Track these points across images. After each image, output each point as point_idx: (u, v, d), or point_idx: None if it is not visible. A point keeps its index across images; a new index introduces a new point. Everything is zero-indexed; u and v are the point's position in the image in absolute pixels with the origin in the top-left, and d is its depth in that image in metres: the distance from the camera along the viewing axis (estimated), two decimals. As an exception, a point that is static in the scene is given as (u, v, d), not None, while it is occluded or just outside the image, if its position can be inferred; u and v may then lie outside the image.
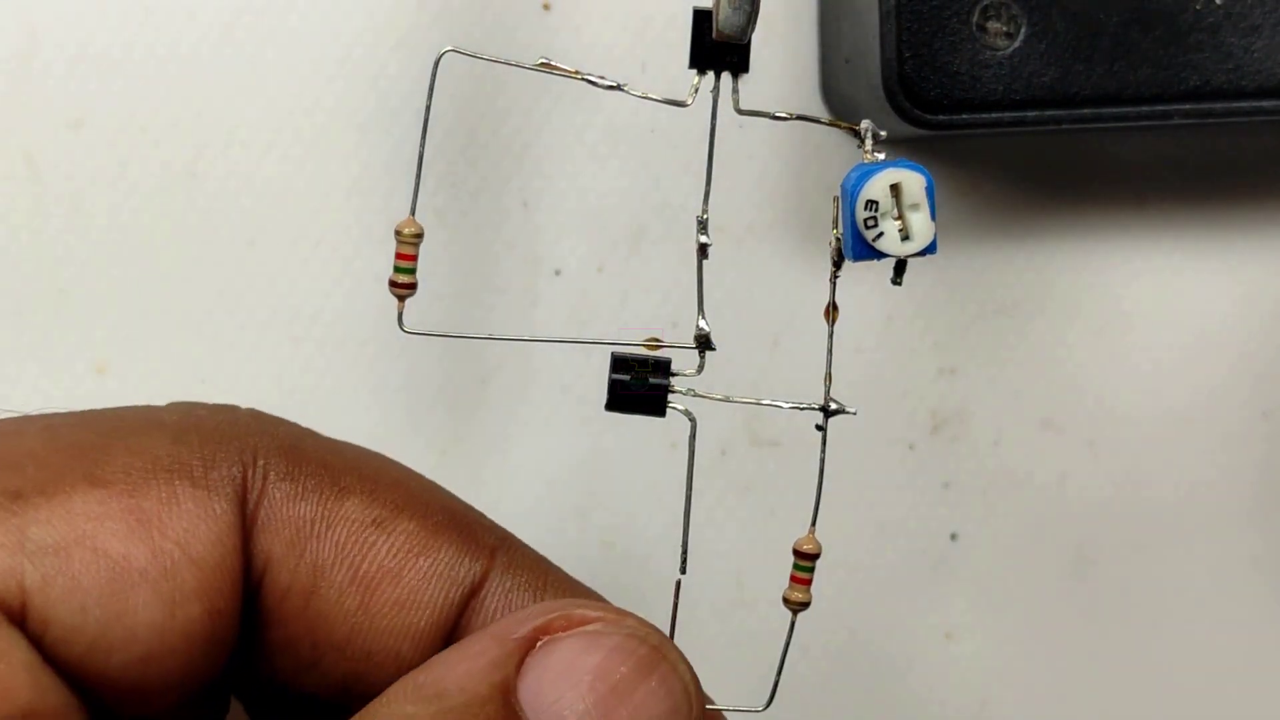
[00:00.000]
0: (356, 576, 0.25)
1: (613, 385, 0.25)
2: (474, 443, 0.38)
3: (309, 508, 0.25)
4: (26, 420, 0.25)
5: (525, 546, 0.27)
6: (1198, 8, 0.34)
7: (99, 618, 0.23)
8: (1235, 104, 0.35)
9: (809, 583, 0.25)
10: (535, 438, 0.38)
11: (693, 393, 0.25)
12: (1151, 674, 0.41)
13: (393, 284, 0.25)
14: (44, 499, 0.23)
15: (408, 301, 0.25)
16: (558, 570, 0.27)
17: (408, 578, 0.25)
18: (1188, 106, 0.35)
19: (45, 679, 0.23)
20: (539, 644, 0.23)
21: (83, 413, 0.25)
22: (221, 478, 0.25)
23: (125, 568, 0.23)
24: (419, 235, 0.25)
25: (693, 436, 0.25)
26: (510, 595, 0.26)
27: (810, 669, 0.40)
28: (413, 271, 0.25)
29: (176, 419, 0.25)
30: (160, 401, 0.37)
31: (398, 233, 0.25)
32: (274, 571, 0.25)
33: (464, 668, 0.23)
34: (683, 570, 0.26)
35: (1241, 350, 0.40)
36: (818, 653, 0.40)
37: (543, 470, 0.38)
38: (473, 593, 0.26)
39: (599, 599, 0.27)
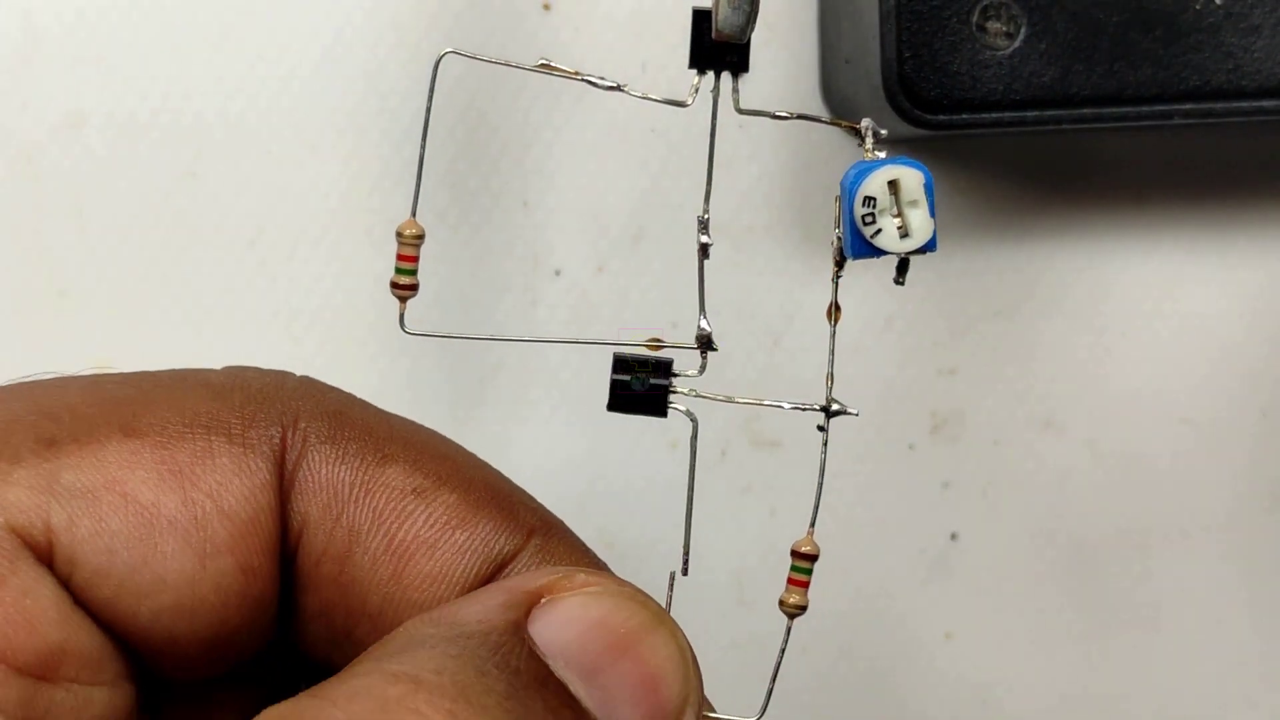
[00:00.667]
0: (391, 545, 0.25)
1: (614, 386, 0.25)
2: (474, 443, 0.38)
3: (349, 472, 0.25)
4: (72, 378, 0.25)
5: (567, 532, 0.27)
6: (1198, 8, 0.34)
7: (126, 561, 0.23)
8: (1235, 104, 0.35)
9: (807, 585, 0.25)
10: (535, 438, 0.38)
11: (694, 393, 0.25)
12: (1151, 674, 0.41)
13: (394, 285, 0.25)
14: (77, 446, 0.23)
15: (409, 302, 0.25)
16: (594, 558, 0.27)
17: (442, 550, 0.25)
18: (1188, 106, 0.35)
19: (76, 619, 0.23)
20: (543, 600, 0.23)
21: (130, 372, 0.25)
22: (259, 436, 0.24)
23: (154, 514, 0.23)
24: (420, 236, 0.25)
25: (694, 437, 0.25)
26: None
27: (810, 669, 0.40)
28: (414, 273, 0.25)
29: (223, 379, 0.25)
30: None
31: (399, 234, 0.25)
32: (310, 534, 0.25)
33: (479, 605, 0.23)
34: (684, 572, 0.26)
35: (1241, 350, 0.40)
36: (817, 653, 0.40)
37: (543, 470, 0.38)
38: (501, 568, 0.25)
39: (639, 592, 0.27)
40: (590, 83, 0.24)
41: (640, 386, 0.25)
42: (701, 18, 0.23)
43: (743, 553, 0.39)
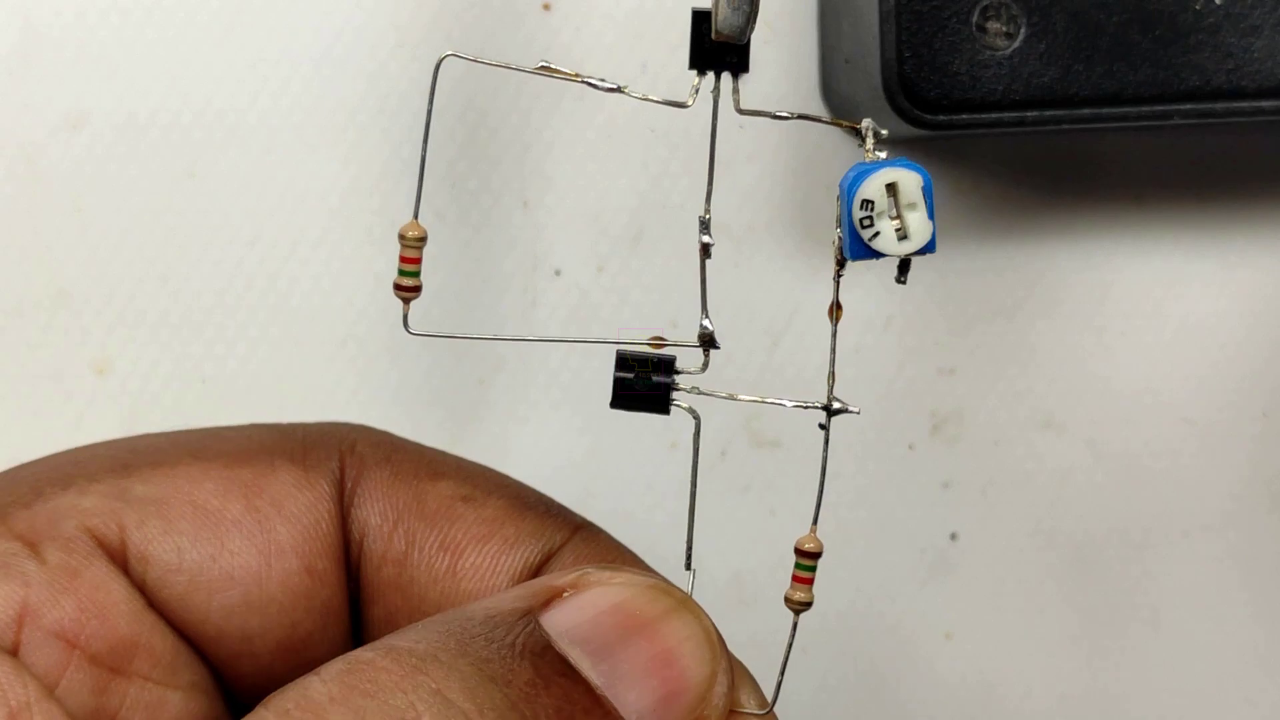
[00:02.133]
0: (444, 543, 0.26)
1: (617, 383, 0.25)
2: (474, 443, 0.38)
3: (403, 486, 0.27)
4: (147, 434, 0.27)
5: (606, 533, 0.28)
6: (1198, 8, 0.34)
7: (195, 559, 0.25)
8: (1235, 104, 0.35)
9: (811, 582, 0.25)
10: (535, 438, 0.38)
11: (696, 390, 0.25)
12: (1151, 674, 0.41)
13: (397, 287, 0.25)
14: (150, 468, 0.25)
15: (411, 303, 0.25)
16: (633, 556, 0.28)
17: (493, 544, 0.26)
18: (1188, 106, 0.35)
19: (149, 618, 0.24)
20: (565, 594, 0.24)
21: (201, 428, 0.28)
22: (319, 459, 0.26)
23: (220, 517, 0.25)
24: (422, 238, 0.25)
25: (697, 433, 0.25)
26: (584, 562, 0.27)
27: (810, 669, 0.40)
28: (417, 274, 0.25)
29: (285, 425, 0.28)
30: (160, 401, 0.37)
31: (401, 236, 0.25)
32: (370, 541, 0.26)
33: (491, 599, 0.24)
34: (688, 566, 0.26)
35: (1241, 349, 0.40)
36: (817, 653, 0.40)
37: (542, 470, 0.38)
38: (549, 558, 0.27)
39: (665, 582, 0.27)
40: (591, 85, 0.24)
41: (643, 384, 0.25)
42: (701, 18, 0.24)
43: (742, 553, 0.39)
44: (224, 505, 0.25)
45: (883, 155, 0.23)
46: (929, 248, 0.23)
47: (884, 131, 0.24)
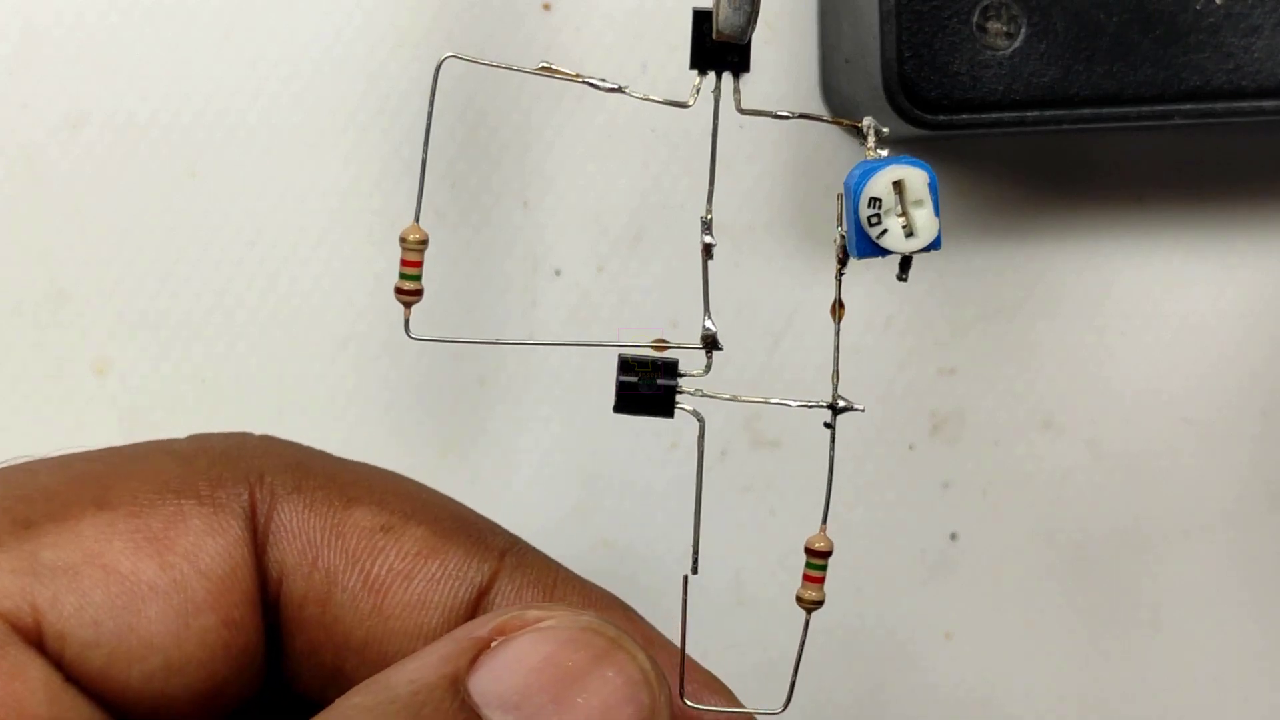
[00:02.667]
0: (368, 580, 0.26)
1: (620, 387, 0.25)
2: (474, 443, 0.38)
3: (318, 519, 0.26)
4: (40, 460, 0.26)
5: (534, 550, 0.27)
6: (1198, 8, 0.34)
7: (113, 630, 0.24)
8: (1235, 104, 0.35)
9: (822, 581, 0.25)
10: (535, 438, 0.38)
11: (700, 393, 0.25)
12: (1151, 673, 0.41)
13: (399, 291, 0.25)
14: (53, 525, 0.24)
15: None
16: (567, 571, 0.27)
17: (418, 580, 0.26)
18: (1188, 106, 0.35)
19: (66, 696, 0.24)
20: (493, 644, 0.23)
21: (97, 449, 0.26)
22: (228, 495, 0.25)
23: (134, 582, 0.24)
24: (424, 242, 0.25)
25: (701, 436, 0.25)
26: (520, 593, 0.26)
27: (810, 669, 0.40)
28: (418, 278, 0.25)
29: (186, 446, 0.26)
30: (160, 401, 0.37)
31: (402, 239, 0.25)
32: (289, 581, 0.25)
33: (416, 664, 0.23)
34: (694, 570, 0.26)
35: (1241, 349, 0.40)
36: (817, 653, 0.39)
37: (542, 470, 0.38)
38: (482, 593, 0.26)
39: (611, 599, 0.27)
40: (592, 85, 0.24)
41: (647, 388, 0.25)
42: (702, 18, 0.23)
43: (742, 553, 0.39)
44: (137, 567, 0.24)
45: (885, 153, 0.23)
46: (935, 244, 0.23)
47: (885, 130, 0.24)
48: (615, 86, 0.24)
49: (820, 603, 0.26)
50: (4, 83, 0.36)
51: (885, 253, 0.23)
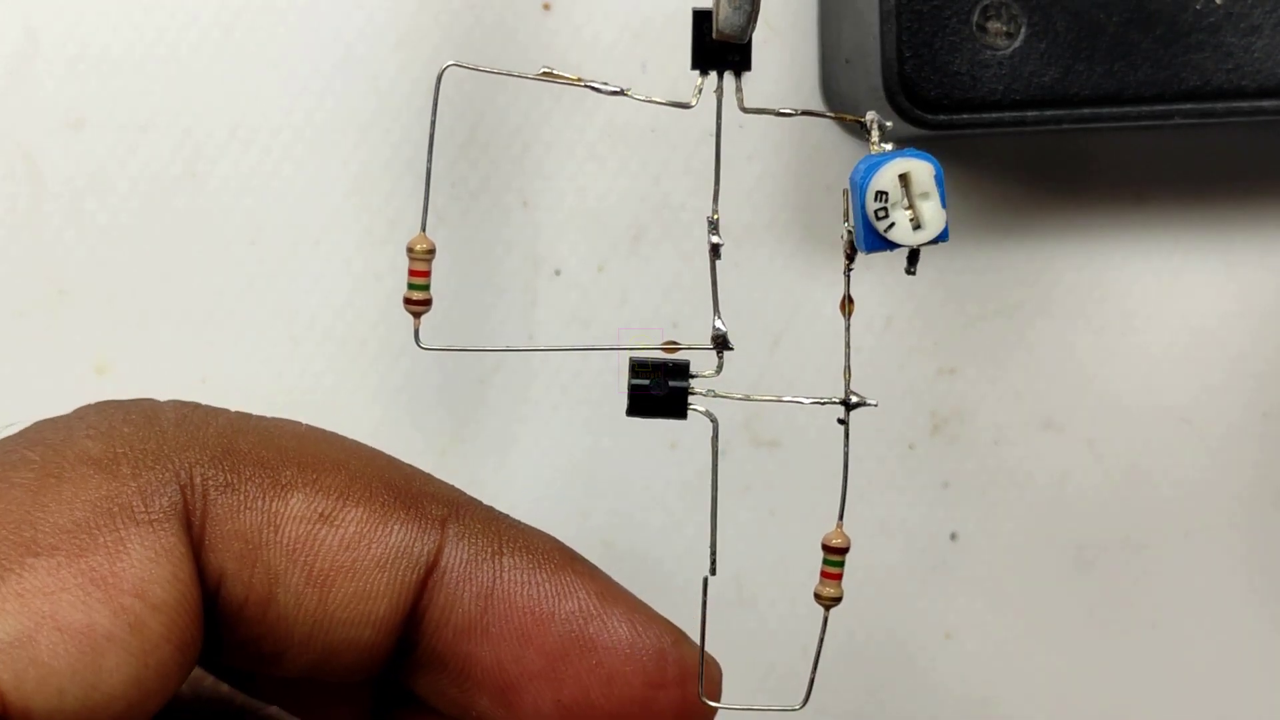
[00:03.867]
0: (311, 576, 0.25)
1: (633, 390, 0.25)
2: (474, 443, 0.38)
3: (254, 516, 0.25)
4: None
5: (477, 508, 0.26)
6: (1198, 8, 0.34)
7: (76, 694, 0.23)
8: (1235, 104, 0.35)
9: (840, 577, 0.25)
10: (535, 438, 0.38)
11: (713, 393, 0.25)
12: (1151, 673, 0.41)
13: (407, 301, 0.25)
14: None
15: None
16: (511, 526, 0.26)
17: (361, 570, 0.25)
18: (1188, 106, 0.35)
19: None
20: None
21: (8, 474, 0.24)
22: (162, 508, 0.24)
23: (91, 637, 0.23)
24: (431, 251, 0.24)
25: (715, 437, 0.25)
26: (468, 567, 0.26)
27: (808, 668, 0.40)
28: (426, 288, 0.25)
29: (98, 447, 0.24)
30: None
31: (410, 249, 0.24)
32: (228, 585, 0.25)
33: None
34: (712, 571, 0.26)
35: (1241, 350, 0.40)
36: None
37: (542, 470, 0.38)
38: (429, 570, 0.25)
39: (556, 543, 0.26)
40: (594, 88, 0.24)
41: (659, 390, 0.25)
42: (702, 18, 0.23)
43: (742, 552, 0.39)
44: (91, 619, 0.23)
45: (889, 147, 0.23)
46: (943, 236, 0.23)
47: (889, 123, 0.24)
48: (618, 89, 0.24)
49: (839, 599, 0.25)
50: (4, 83, 0.36)
51: (893, 246, 0.23)
